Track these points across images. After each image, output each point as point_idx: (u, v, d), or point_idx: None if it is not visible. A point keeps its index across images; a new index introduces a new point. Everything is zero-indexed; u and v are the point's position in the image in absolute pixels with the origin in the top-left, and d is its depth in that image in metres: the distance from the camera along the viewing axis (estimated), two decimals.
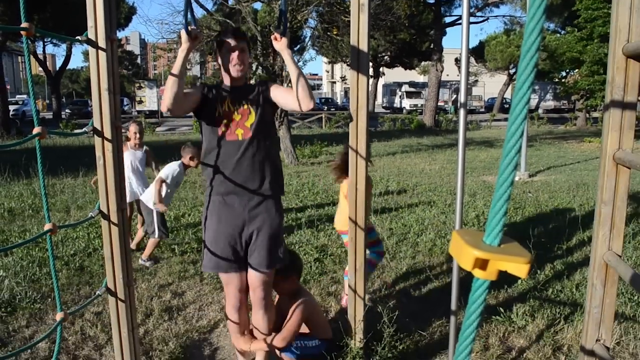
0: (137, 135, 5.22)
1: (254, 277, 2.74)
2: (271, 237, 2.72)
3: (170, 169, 4.69)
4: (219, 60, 2.70)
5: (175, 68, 2.50)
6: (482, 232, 0.62)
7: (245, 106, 2.65)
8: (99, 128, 2.36)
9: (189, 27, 2.49)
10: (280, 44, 2.59)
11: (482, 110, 42.79)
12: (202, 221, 2.80)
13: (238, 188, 2.66)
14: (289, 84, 12.50)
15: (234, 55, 2.62)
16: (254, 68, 12.26)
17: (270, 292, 2.84)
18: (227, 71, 2.67)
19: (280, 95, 2.71)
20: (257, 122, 2.65)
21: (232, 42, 2.62)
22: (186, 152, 4.71)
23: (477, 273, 0.59)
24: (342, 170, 3.64)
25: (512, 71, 37.93)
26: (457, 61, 38.02)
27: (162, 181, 4.61)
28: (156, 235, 4.73)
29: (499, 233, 0.59)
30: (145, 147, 5.40)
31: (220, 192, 2.69)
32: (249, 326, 2.95)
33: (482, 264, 0.59)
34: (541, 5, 0.48)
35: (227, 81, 2.72)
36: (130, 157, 5.17)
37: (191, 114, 2.78)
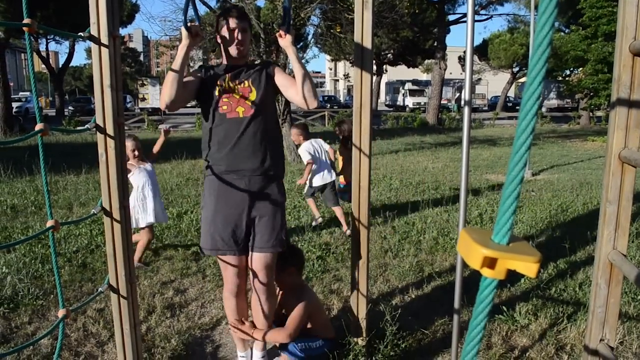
0: (136, 153, 4.76)
1: (257, 260, 2.68)
2: (274, 219, 2.67)
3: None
4: (219, 39, 2.67)
5: (175, 65, 2.49)
6: (490, 230, 0.61)
7: (246, 83, 2.61)
8: (101, 125, 2.36)
9: (190, 24, 2.48)
10: (285, 41, 2.57)
11: (485, 108, 42.74)
12: (202, 201, 2.77)
13: (238, 166, 2.61)
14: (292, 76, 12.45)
15: (235, 35, 2.60)
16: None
17: (272, 278, 2.79)
18: (227, 51, 2.65)
19: (283, 84, 2.68)
20: (259, 100, 2.61)
21: (233, 21, 2.59)
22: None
23: (486, 272, 0.58)
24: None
25: (515, 69, 37.85)
26: (461, 59, 38.01)
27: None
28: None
29: (507, 231, 0.58)
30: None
31: (220, 170, 2.64)
32: (247, 314, 2.92)
33: (491, 263, 0.58)
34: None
35: (226, 60, 2.70)
36: (144, 174, 4.75)
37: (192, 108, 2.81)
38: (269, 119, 2.70)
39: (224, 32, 2.62)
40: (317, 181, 5.73)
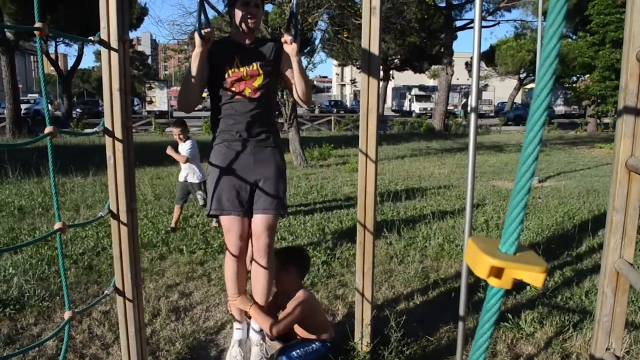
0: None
1: (259, 221, 2.74)
2: (277, 183, 2.79)
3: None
4: (232, 13, 2.75)
5: (192, 71, 2.56)
6: (497, 239, 0.61)
7: (255, 67, 2.73)
8: (109, 128, 2.37)
9: (202, 31, 2.51)
10: (290, 49, 2.60)
11: (492, 114, 42.64)
12: (207, 169, 2.92)
13: (242, 135, 2.75)
14: None
15: (249, 9, 2.68)
16: None
17: (273, 241, 2.84)
18: (239, 25, 2.73)
19: (287, 75, 2.84)
20: (264, 83, 2.75)
21: None
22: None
23: (492, 281, 0.59)
24: None
25: (522, 75, 37.78)
26: (468, 65, 37.98)
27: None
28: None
29: (514, 241, 0.58)
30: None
31: (226, 138, 2.78)
32: (246, 285, 2.93)
33: (497, 273, 0.58)
34: (561, 10, 0.47)
35: (236, 36, 2.79)
36: None
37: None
38: (271, 99, 2.89)
39: (238, 5, 2.69)
40: (195, 179, 6.01)
